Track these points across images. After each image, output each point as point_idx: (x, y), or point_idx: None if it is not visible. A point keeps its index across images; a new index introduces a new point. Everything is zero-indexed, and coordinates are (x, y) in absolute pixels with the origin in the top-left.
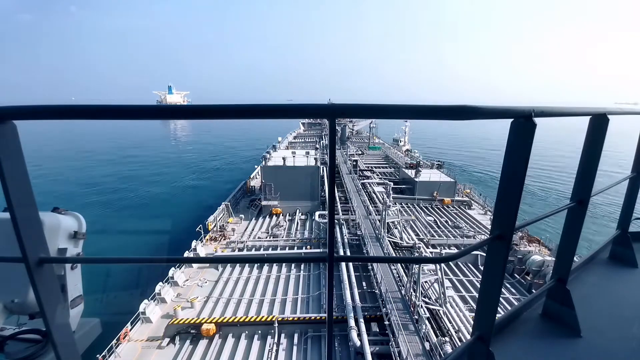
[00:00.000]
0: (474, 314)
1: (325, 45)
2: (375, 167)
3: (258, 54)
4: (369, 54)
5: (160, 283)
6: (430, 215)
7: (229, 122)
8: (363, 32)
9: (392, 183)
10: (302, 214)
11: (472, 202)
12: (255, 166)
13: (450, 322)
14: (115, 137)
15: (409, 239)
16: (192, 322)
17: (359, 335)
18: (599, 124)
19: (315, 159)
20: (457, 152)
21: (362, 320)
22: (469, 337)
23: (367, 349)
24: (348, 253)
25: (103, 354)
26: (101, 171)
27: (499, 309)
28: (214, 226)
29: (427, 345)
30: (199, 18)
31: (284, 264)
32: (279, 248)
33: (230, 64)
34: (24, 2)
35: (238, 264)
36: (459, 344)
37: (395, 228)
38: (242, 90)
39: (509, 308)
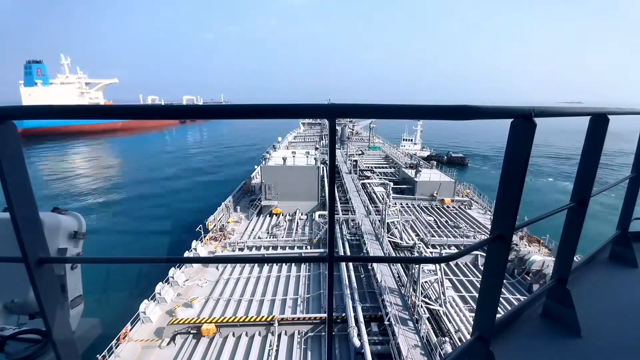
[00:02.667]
0: (474, 314)
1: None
2: (375, 167)
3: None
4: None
5: (160, 283)
6: (430, 215)
7: (228, 122)
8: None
9: (392, 183)
10: (302, 214)
11: (472, 202)
12: (255, 166)
13: (450, 322)
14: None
15: (409, 239)
16: (192, 322)
17: (359, 335)
18: (599, 124)
19: (315, 159)
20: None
21: (362, 320)
22: (469, 337)
23: (367, 349)
24: (348, 253)
25: (103, 354)
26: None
27: (499, 309)
28: (214, 226)
29: (427, 345)
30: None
31: (284, 264)
32: (279, 248)
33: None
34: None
35: (238, 264)
36: (459, 344)
37: (395, 228)
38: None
39: (509, 308)
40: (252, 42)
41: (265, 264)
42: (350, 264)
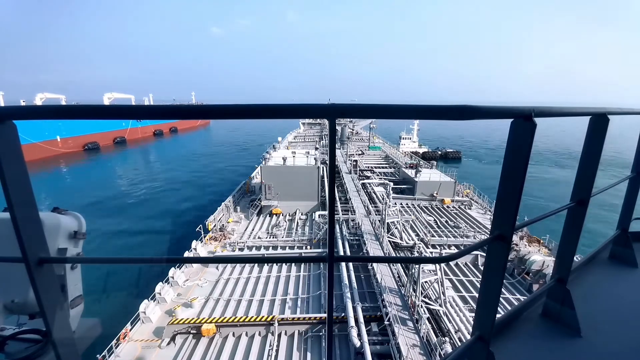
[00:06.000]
0: (474, 314)
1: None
2: (375, 167)
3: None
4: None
5: (160, 283)
6: (430, 215)
7: (228, 122)
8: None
9: (392, 183)
10: (302, 214)
11: (472, 202)
12: (255, 166)
13: (450, 322)
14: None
15: (409, 239)
16: (192, 322)
17: (359, 335)
18: (599, 124)
19: (315, 159)
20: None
21: (362, 320)
22: (469, 337)
23: (367, 349)
24: (348, 253)
25: (103, 354)
26: (101, 172)
27: (499, 309)
28: (214, 226)
29: (427, 345)
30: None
31: (284, 264)
32: (279, 248)
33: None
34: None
35: (238, 264)
36: (459, 344)
37: (395, 228)
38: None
39: (509, 308)
40: (266, 38)
41: (265, 264)
42: (350, 264)
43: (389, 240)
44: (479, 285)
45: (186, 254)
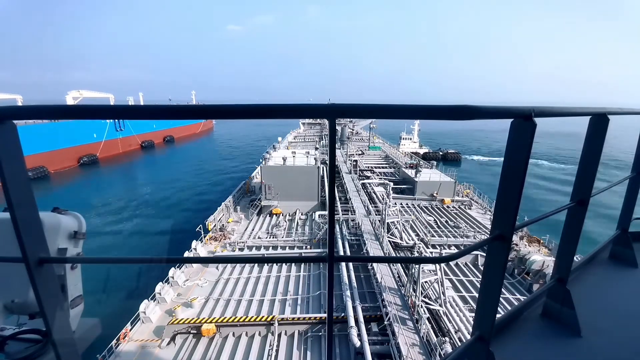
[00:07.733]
0: (474, 314)
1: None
2: (375, 167)
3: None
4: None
5: (160, 283)
6: (430, 215)
7: (229, 122)
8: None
9: (392, 183)
10: (302, 214)
11: (472, 202)
12: (255, 166)
13: (450, 322)
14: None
15: (409, 239)
16: (192, 322)
17: (359, 335)
18: (599, 124)
19: (315, 158)
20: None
21: (362, 320)
22: (469, 337)
23: (367, 349)
24: (348, 253)
25: (103, 354)
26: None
27: (499, 309)
28: (214, 226)
29: (427, 345)
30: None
31: (284, 264)
32: (279, 248)
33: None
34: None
35: (238, 264)
36: (459, 344)
37: (395, 228)
38: None
39: (509, 308)
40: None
41: (265, 264)
42: (350, 264)
43: (389, 240)
44: (479, 285)
45: (186, 254)
